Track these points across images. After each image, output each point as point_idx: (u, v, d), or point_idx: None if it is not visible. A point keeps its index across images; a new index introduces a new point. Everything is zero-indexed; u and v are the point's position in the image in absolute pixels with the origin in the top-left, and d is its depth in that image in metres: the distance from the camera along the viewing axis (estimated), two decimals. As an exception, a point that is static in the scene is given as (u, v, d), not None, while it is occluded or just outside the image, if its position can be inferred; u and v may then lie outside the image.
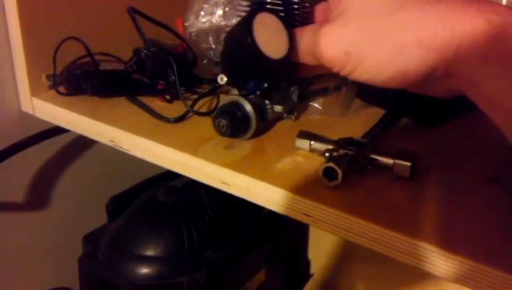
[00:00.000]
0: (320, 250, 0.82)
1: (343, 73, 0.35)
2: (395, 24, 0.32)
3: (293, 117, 0.46)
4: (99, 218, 0.56)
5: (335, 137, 0.39)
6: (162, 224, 0.52)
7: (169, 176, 0.59)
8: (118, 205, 0.56)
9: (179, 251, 0.51)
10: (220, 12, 0.50)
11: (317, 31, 0.35)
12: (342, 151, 0.37)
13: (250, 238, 0.57)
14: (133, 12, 0.50)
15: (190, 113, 0.46)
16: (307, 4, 0.43)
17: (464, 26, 0.29)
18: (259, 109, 0.42)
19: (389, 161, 0.36)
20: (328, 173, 0.35)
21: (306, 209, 0.34)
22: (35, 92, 0.52)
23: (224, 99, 0.43)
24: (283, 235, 0.63)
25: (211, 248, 0.50)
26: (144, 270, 0.50)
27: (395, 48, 0.31)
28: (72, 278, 0.55)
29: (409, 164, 0.36)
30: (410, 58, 0.31)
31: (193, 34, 0.52)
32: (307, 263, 0.78)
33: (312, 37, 0.36)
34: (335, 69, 0.35)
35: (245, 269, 0.57)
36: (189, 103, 0.47)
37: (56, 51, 0.50)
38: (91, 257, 0.53)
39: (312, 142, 0.40)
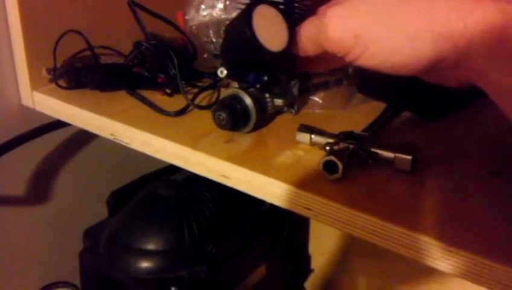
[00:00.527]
0: (320, 245, 0.82)
1: (349, 57, 0.34)
2: (409, 11, 0.31)
3: (293, 111, 0.46)
4: (99, 212, 0.56)
5: (336, 131, 0.39)
6: (163, 218, 0.52)
7: (170, 170, 0.59)
8: (118, 199, 0.56)
9: (180, 245, 0.51)
10: (220, 5, 0.50)
11: (322, 16, 0.35)
12: (342, 145, 0.37)
13: (250, 232, 0.56)
14: (134, 5, 0.50)
15: (190, 107, 0.46)
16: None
17: (476, 16, 0.29)
18: (259, 102, 0.42)
19: (390, 155, 0.36)
20: (329, 167, 0.34)
21: (307, 203, 0.34)
22: (35, 85, 0.52)
23: (224, 92, 0.43)
24: (283, 229, 0.63)
25: (212, 241, 0.50)
26: (145, 264, 0.50)
27: (409, 34, 0.31)
28: (73, 272, 0.55)
29: (409, 157, 0.35)
30: (422, 45, 0.31)
31: (193, 27, 0.52)
32: (307, 258, 0.78)
33: (316, 23, 0.36)
34: (340, 53, 0.35)
35: (245, 264, 0.57)
36: (190, 96, 0.47)
37: (56, 45, 0.50)
38: (92, 252, 0.53)
39: (313, 136, 0.39)
